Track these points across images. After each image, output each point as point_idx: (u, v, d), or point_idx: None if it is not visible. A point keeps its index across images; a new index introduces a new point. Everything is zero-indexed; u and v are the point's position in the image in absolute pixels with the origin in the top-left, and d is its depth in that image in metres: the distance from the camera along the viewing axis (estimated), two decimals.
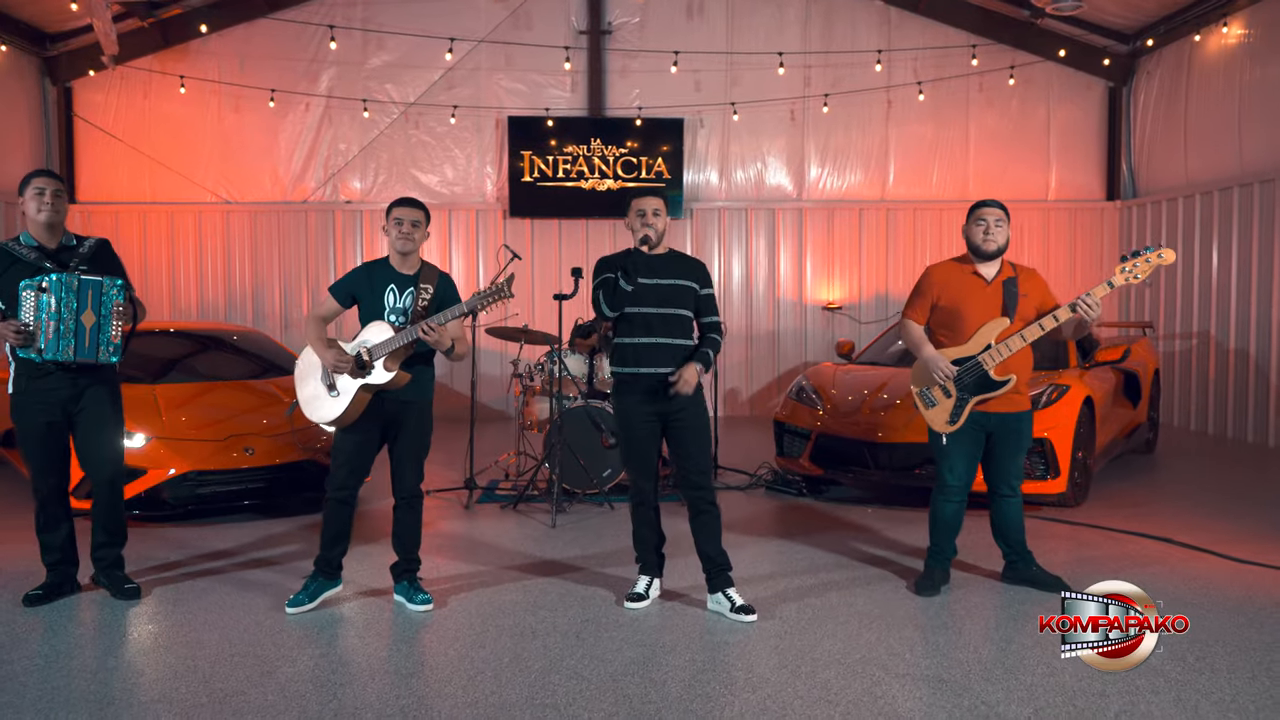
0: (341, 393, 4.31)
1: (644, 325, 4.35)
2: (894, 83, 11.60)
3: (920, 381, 4.65)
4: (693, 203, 11.71)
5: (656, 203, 4.35)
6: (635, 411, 4.38)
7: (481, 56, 11.53)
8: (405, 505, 4.51)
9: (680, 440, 4.40)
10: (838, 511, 6.50)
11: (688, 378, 4.24)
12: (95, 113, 11.51)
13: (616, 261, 4.46)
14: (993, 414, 4.53)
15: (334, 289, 4.46)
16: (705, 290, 4.46)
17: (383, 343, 4.26)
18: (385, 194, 11.63)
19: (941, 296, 4.62)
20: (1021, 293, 4.54)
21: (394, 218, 4.38)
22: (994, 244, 4.52)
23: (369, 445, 4.43)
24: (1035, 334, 4.45)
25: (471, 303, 4.19)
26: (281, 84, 11.38)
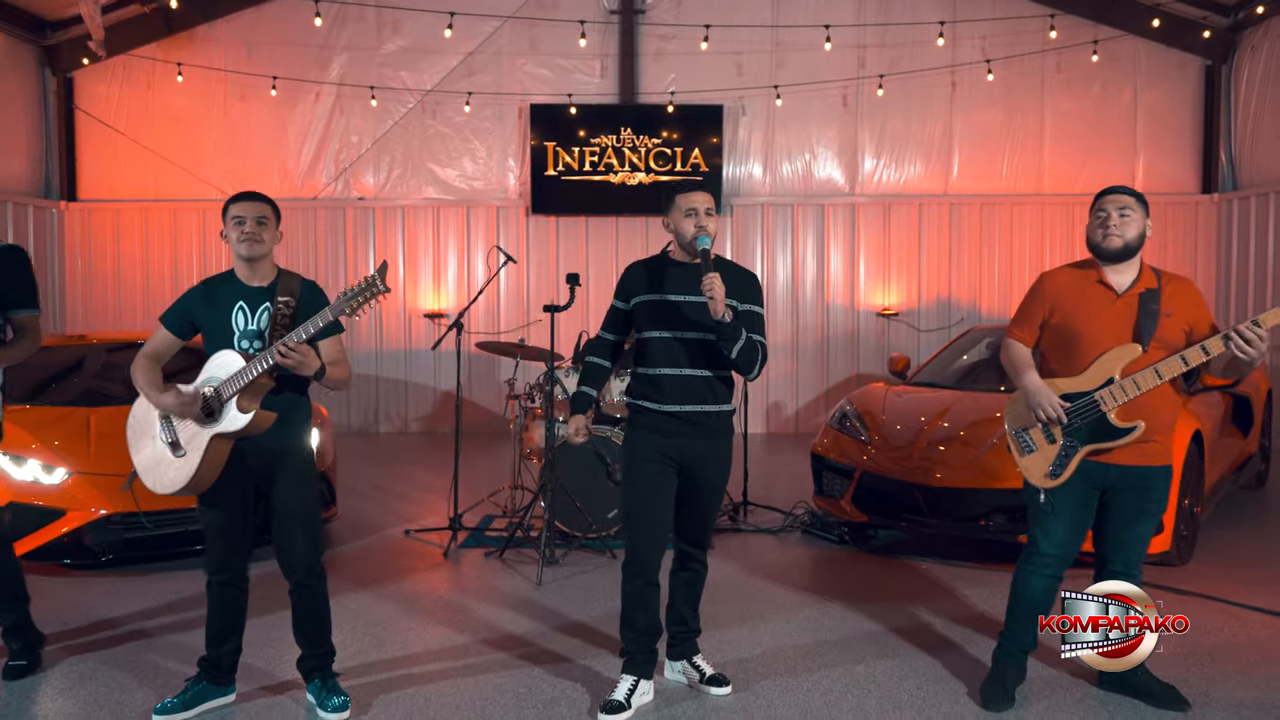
0: (189, 450, 3.32)
1: (666, 352, 3.47)
2: (959, 61, 10.39)
3: (1018, 420, 3.56)
4: (733, 198, 10.63)
5: (708, 199, 3.50)
6: (647, 454, 3.49)
7: (504, 40, 10.60)
8: (300, 588, 3.50)
9: (693, 497, 3.57)
10: (885, 567, 5.41)
11: (719, 284, 3.27)
12: (97, 105, 10.83)
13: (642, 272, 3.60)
14: (1113, 466, 3.43)
15: (166, 316, 3.49)
16: (746, 306, 3.49)
17: (232, 376, 3.25)
18: (400, 190, 10.78)
19: (1056, 311, 3.54)
20: (1164, 310, 3.41)
21: (232, 216, 3.40)
22: (1117, 240, 3.42)
23: (242, 511, 3.45)
24: (1175, 369, 3.33)
25: (337, 306, 3.14)
26: (291, 72, 10.57)
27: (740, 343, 3.34)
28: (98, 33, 9.05)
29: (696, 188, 3.51)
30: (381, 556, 5.67)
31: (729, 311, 3.29)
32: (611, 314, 3.62)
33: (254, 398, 3.25)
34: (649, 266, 3.59)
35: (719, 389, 3.49)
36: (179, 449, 3.31)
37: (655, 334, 3.48)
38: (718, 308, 3.25)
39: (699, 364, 3.45)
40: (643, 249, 10.58)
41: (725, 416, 3.52)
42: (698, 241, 3.40)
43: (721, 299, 3.25)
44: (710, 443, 3.50)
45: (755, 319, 3.49)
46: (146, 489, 3.43)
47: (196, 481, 3.29)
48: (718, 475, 3.57)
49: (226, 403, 3.24)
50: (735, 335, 3.32)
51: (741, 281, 3.51)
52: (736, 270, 3.57)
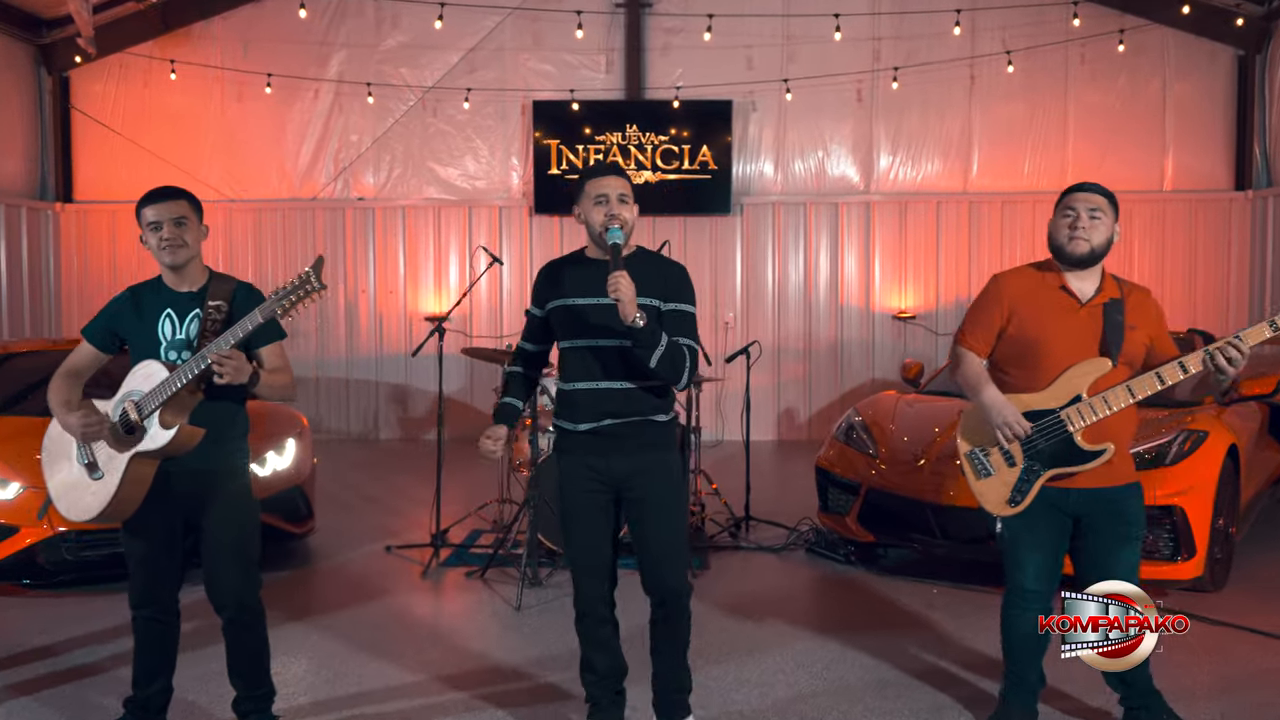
0: (107, 472, 2.98)
1: (581, 365, 3.07)
2: (978, 53, 9.96)
3: (974, 439, 3.21)
4: (743, 197, 10.26)
5: (622, 184, 3.08)
6: (574, 481, 3.12)
7: (506, 35, 10.28)
8: (232, 625, 3.17)
9: (639, 520, 3.11)
10: (893, 590, 5.02)
11: (625, 284, 2.82)
12: (93, 104, 10.61)
13: (552, 273, 3.20)
14: (1077, 490, 3.10)
15: (88, 329, 3.18)
16: (671, 305, 3.05)
17: (155, 389, 2.92)
18: (400, 190, 10.49)
19: (1014, 318, 3.19)
20: (1128, 323, 3.09)
21: (147, 222, 3.05)
22: (1083, 244, 3.09)
23: (168, 539, 3.12)
24: (1149, 388, 3.02)
25: (267, 307, 2.82)
26: (289, 69, 10.29)
27: (660, 349, 2.89)
28: (86, 29, 8.81)
29: (609, 171, 3.10)
30: (356, 576, 5.35)
31: (642, 314, 2.84)
32: (529, 321, 3.24)
33: (179, 412, 2.93)
34: (562, 267, 3.20)
35: (646, 400, 3.05)
36: (96, 471, 3.00)
37: (569, 344, 3.10)
38: (625, 310, 2.82)
39: (617, 375, 3.02)
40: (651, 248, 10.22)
41: (657, 427, 3.09)
42: (608, 234, 2.96)
43: (630, 299, 2.81)
44: (641, 457, 3.06)
45: (684, 320, 3.05)
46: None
47: (116, 507, 2.97)
48: (661, 493, 3.08)
49: (148, 418, 2.92)
50: (651, 341, 2.88)
51: (665, 277, 3.08)
52: (660, 264, 3.15)
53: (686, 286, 3.11)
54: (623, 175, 3.11)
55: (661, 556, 3.09)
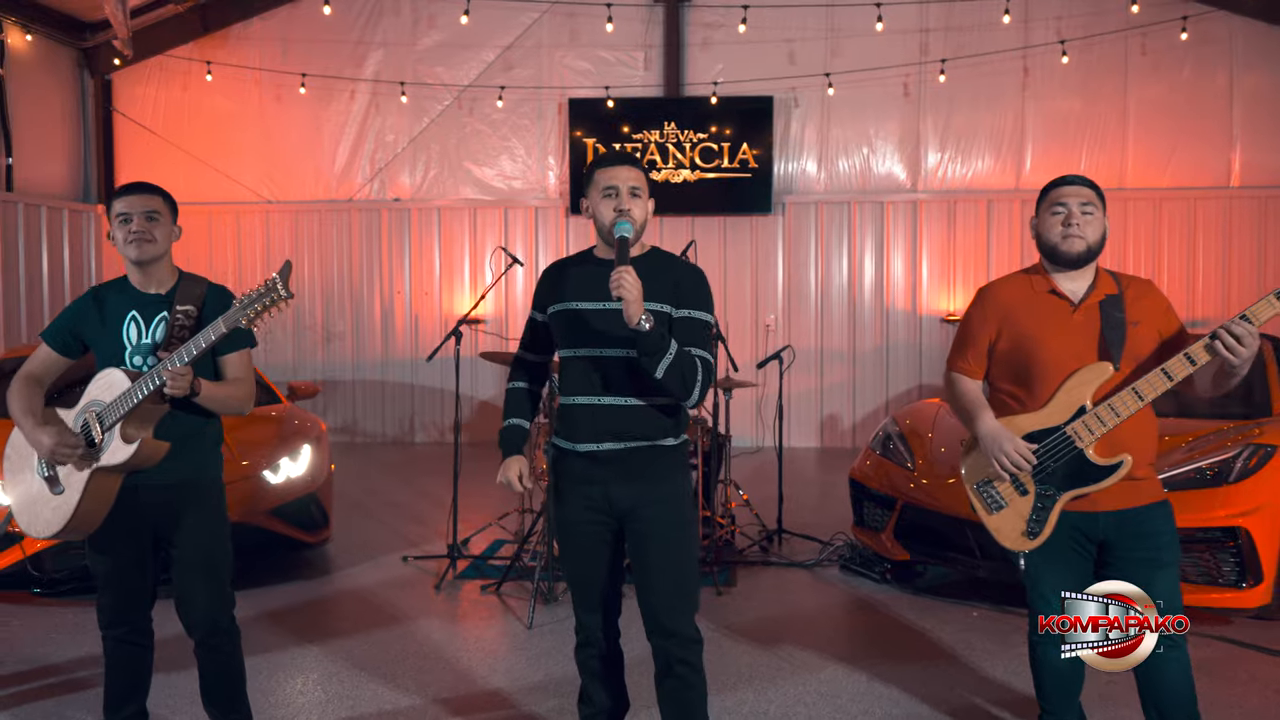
0: (67, 486, 2.82)
1: (582, 377, 2.72)
2: (1031, 44, 9.53)
3: (978, 471, 2.90)
4: (785, 195, 9.95)
5: (634, 175, 2.71)
6: (570, 509, 2.78)
7: (543, 32, 10.10)
8: (202, 648, 2.98)
9: (641, 554, 2.73)
10: (930, 612, 4.71)
11: (629, 281, 2.50)
12: (135, 106, 10.65)
13: (554, 274, 2.89)
14: (1102, 513, 2.78)
15: (48, 331, 3.01)
16: (683, 312, 2.70)
17: (117, 399, 2.75)
18: (437, 190, 10.36)
19: (1004, 332, 2.90)
20: (1130, 319, 2.78)
21: (117, 214, 2.89)
22: (1079, 242, 2.78)
23: (138, 557, 2.94)
24: (1158, 387, 2.69)
25: (232, 316, 2.62)
26: (326, 69, 10.23)
27: (667, 358, 2.54)
28: (122, 31, 8.81)
29: (620, 160, 2.74)
30: (368, 588, 5.17)
31: (649, 317, 2.51)
32: (529, 327, 2.90)
33: (142, 425, 2.75)
34: (567, 267, 2.87)
35: (653, 420, 2.68)
36: (57, 485, 2.83)
37: (569, 353, 2.76)
38: (629, 310, 2.49)
39: (623, 390, 2.66)
40: (690, 251, 9.96)
41: (665, 453, 2.72)
42: (615, 228, 2.62)
43: (636, 299, 2.48)
44: (644, 486, 2.69)
45: (697, 329, 2.69)
46: None
47: (77, 523, 2.80)
48: (667, 529, 2.71)
49: (109, 430, 2.75)
50: (657, 347, 2.53)
51: (678, 280, 2.72)
52: (674, 266, 2.77)
53: (702, 292, 2.76)
54: (635, 166, 2.76)
55: (666, 602, 2.71)
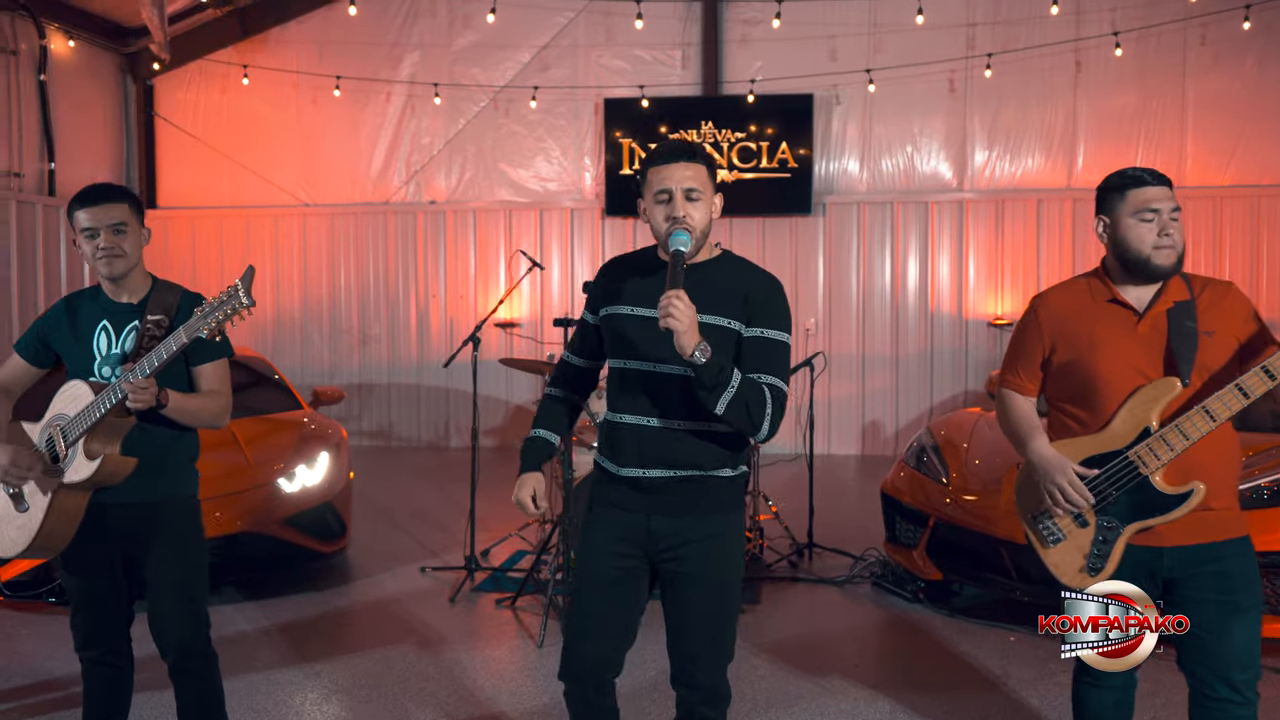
0: (32, 504, 2.69)
1: (633, 392, 2.42)
2: (1083, 36, 9.16)
3: (1031, 503, 2.65)
4: (826, 196, 9.68)
5: (691, 173, 2.36)
6: (601, 539, 2.47)
7: (579, 32, 9.95)
8: (176, 671, 2.85)
9: (679, 599, 2.44)
10: (963, 635, 4.45)
11: (679, 309, 2.18)
12: (176, 110, 10.71)
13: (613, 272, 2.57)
14: (1167, 549, 2.51)
15: (20, 341, 2.90)
16: (755, 331, 2.38)
17: (80, 413, 2.62)
18: (473, 192, 10.27)
19: (1059, 346, 2.63)
20: (1203, 328, 2.49)
21: (81, 227, 2.72)
22: (1173, 254, 2.50)
23: (110, 577, 2.82)
24: (1232, 405, 2.40)
25: (193, 326, 2.48)
26: (363, 72, 10.19)
27: (728, 392, 2.23)
28: (159, 35, 8.84)
29: (676, 156, 2.38)
30: (381, 599, 5.05)
31: (705, 346, 2.20)
32: (580, 329, 2.61)
33: (107, 440, 2.62)
34: (628, 265, 2.54)
35: (710, 448, 2.38)
36: (22, 502, 2.72)
37: (619, 364, 2.46)
38: (680, 342, 2.18)
39: (676, 411, 2.36)
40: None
41: (719, 486, 2.42)
42: (670, 240, 2.32)
43: (687, 328, 2.17)
44: (691, 522, 2.39)
45: (770, 351, 2.36)
46: None
47: (42, 542, 2.68)
48: (711, 572, 2.40)
49: (72, 446, 2.63)
50: (716, 381, 2.22)
51: (750, 291, 2.38)
52: (747, 275, 2.44)
53: (778, 306, 2.41)
54: (696, 159, 2.39)
55: (700, 654, 2.42)
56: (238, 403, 5.99)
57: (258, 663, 4.14)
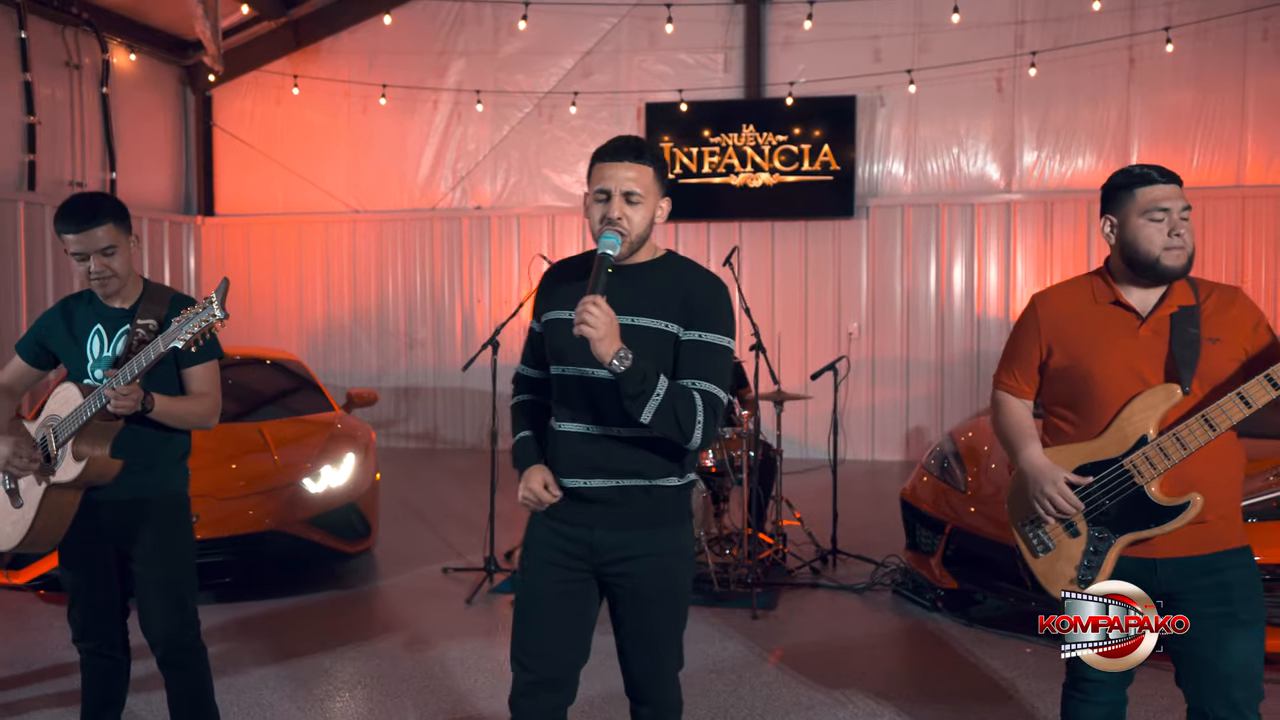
0: (26, 501, 2.79)
1: (569, 400, 2.35)
2: (1137, 31, 8.90)
3: (1022, 510, 2.57)
4: (869, 198, 9.55)
5: (634, 175, 2.24)
6: (542, 551, 2.37)
7: (622, 37, 9.99)
8: (165, 665, 2.92)
9: (626, 615, 2.38)
10: (978, 645, 4.34)
11: (593, 315, 2.10)
12: (233, 120, 11.02)
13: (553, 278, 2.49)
14: (1160, 560, 2.41)
15: (20, 342, 2.98)
16: (693, 334, 2.27)
17: (69, 416, 2.71)
18: (517, 197, 10.37)
19: (1057, 348, 2.53)
20: (1207, 335, 2.39)
21: (70, 250, 2.76)
22: (1183, 254, 2.39)
23: (104, 572, 2.90)
24: (1233, 414, 2.29)
25: (169, 336, 2.54)
26: (410, 80, 10.37)
27: (653, 400, 2.13)
28: (211, 48, 9.12)
29: (620, 155, 2.25)
30: (398, 600, 5.12)
31: (625, 353, 2.10)
32: (529, 339, 2.52)
33: (94, 442, 2.70)
34: (568, 269, 2.45)
35: (653, 455, 2.28)
36: (18, 499, 2.82)
37: (559, 370, 2.36)
38: (598, 350, 2.10)
39: (616, 418, 2.25)
40: (768, 252, 9.72)
41: (664, 496, 2.34)
42: (600, 241, 2.22)
43: (603, 335, 2.08)
44: (636, 535, 2.31)
45: (706, 355, 2.26)
46: None
47: (35, 537, 2.78)
48: (658, 585, 2.34)
49: (61, 446, 2.72)
50: (638, 390, 2.12)
51: (688, 293, 2.28)
52: (687, 276, 2.33)
53: (720, 309, 2.30)
54: (643, 160, 2.26)
55: (650, 669, 2.40)
56: (273, 404, 6.17)
57: (264, 658, 4.23)
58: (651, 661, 2.41)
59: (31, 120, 8.98)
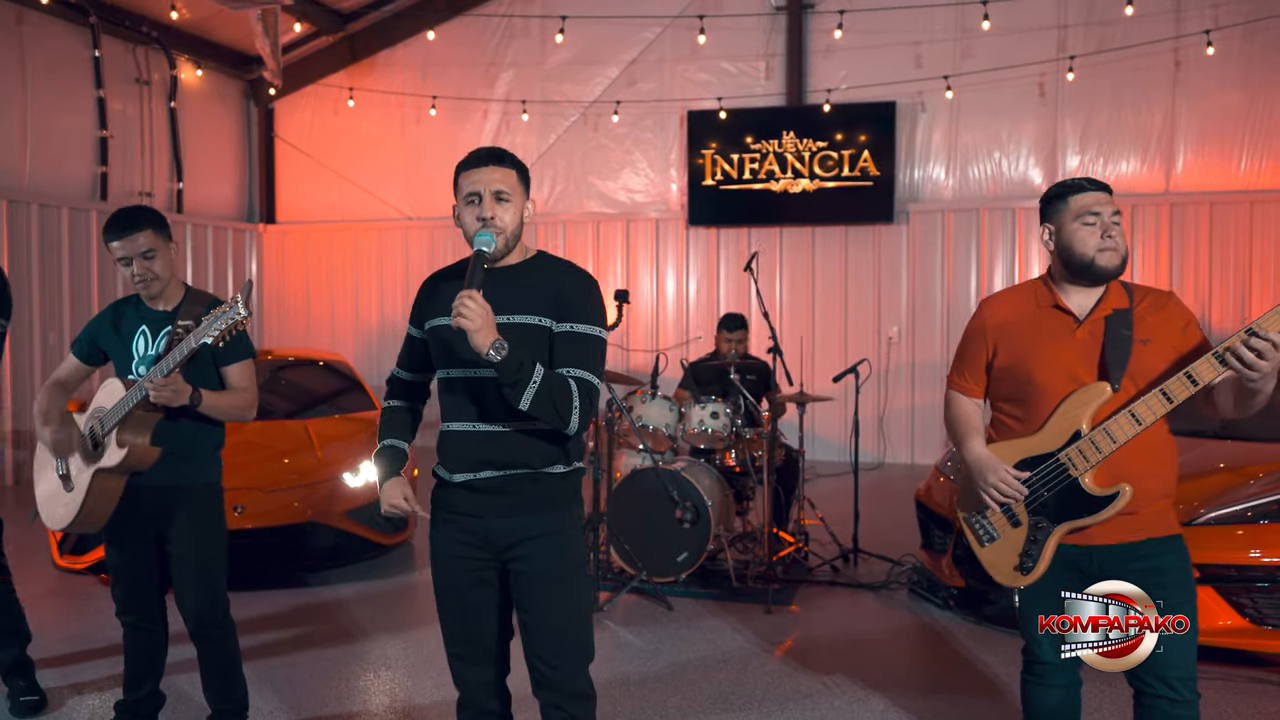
0: (76, 485, 3.09)
1: (456, 400, 2.46)
2: (1184, 32, 8.82)
3: (969, 502, 2.72)
4: (910, 204, 9.60)
5: (500, 176, 2.40)
6: (446, 545, 2.50)
7: (665, 46, 10.19)
8: (196, 638, 3.20)
9: (523, 596, 2.46)
10: (985, 643, 4.43)
11: (469, 308, 2.22)
12: (294, 132, 11.48)
13: (432, 285, 2.60)
14: (1096, 548, 2.56)
15: (75, 343, 3.28)
16: (565, 326, 2.40)
17: (114, 407, 3.00)
18: (563, 205, 10.63)
19: (1001, 349, 2.68)
20: (1139, 336, 2.52)
21: (115, 256, 3.07)
22: (1116, 255, 2.55)
23: (144, 552, 3.18)
24: (1157, 409, 2.44)
25: (199, 334, 2.80)
26: (462, 91, 10.71)
27: (530, 388, 2.26)
28: (270, 63, 9.54)
29: (484, 160, 2.40)
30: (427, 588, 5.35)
31: (500, 345, 2.22)
32: (406, 344, 2.63)
33: (137, 431, 2.99)
34: (445, 276, 2.57)
35: (537, 446, 2.41)
36: (69, 483, 3.12)
37: (444, 373, 2.49)
38: (475, 341, 2.22)
39: (500, 415, 2.38)
40: (808, 259, 9.82)
41: (550, 482, 2.45)
42: (476, 239, 2.35)
43: (481, 328, 2.21)
44: (526, 520, 2.42)
45: (579, 345, 2.39)
46: None
47: (84, 518, 3.07)
48: (549, 567, 2.43)
49: (107, 435, 3.01)
50: (515, 378, 2.25)
51: (559, 288, 2.41)
52: (559, 273, 2.47)
53: (589, 302, 2.43)
54: (505, 163, 2.42)
55: (551, 650, 2.44)
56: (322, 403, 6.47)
57: (303, 643, 4.50)
58: (554, 644, 2.44)
59: (104, 134, 9.50)
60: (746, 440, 5.65)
